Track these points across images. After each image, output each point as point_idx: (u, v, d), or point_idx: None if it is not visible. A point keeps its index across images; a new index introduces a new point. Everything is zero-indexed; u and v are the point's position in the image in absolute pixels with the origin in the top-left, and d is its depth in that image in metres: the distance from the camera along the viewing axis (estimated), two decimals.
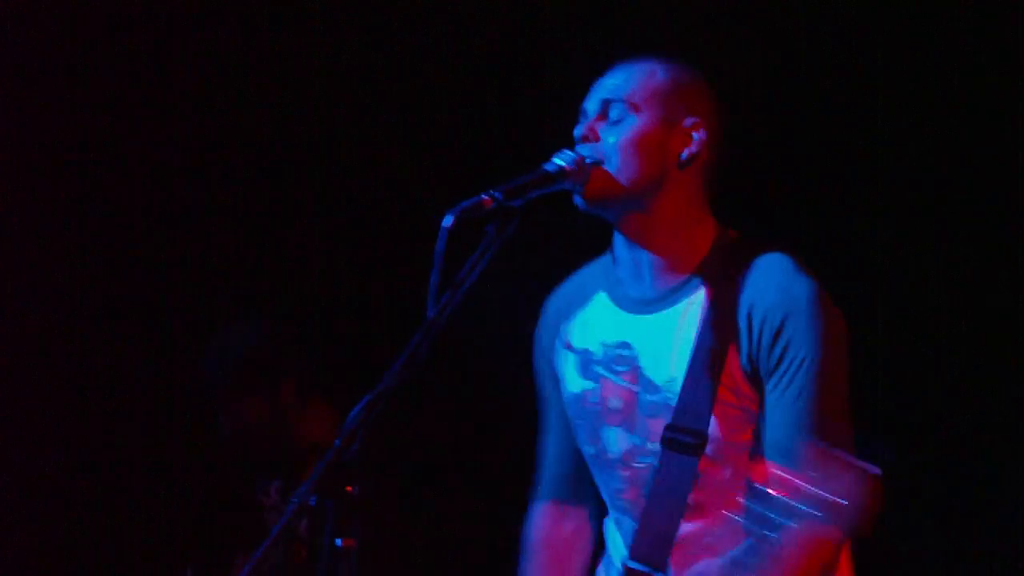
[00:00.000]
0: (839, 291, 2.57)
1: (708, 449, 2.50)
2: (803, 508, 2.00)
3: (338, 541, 2.14)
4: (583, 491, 2.75)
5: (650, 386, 2.56)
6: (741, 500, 2.51)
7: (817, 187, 3.81)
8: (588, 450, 2.67)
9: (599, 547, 2.75)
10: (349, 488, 2.14)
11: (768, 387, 2.49)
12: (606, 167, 2.54)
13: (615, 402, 2.60)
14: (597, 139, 2.56)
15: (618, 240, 2.63)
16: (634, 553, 2.57)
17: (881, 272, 3.74)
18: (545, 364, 2.76)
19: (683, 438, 2.51)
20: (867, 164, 3.79)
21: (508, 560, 2.84)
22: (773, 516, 2.04)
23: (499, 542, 3.00)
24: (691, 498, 2.52)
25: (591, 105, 2.60)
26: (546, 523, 2.80)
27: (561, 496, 2.79)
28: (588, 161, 2.53)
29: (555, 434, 2.78)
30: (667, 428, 2.52)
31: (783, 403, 2.47)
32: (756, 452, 2.51)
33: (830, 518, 2.34)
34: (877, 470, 2.40)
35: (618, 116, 2.56)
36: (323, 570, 2.16)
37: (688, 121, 2.58)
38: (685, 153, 2.57)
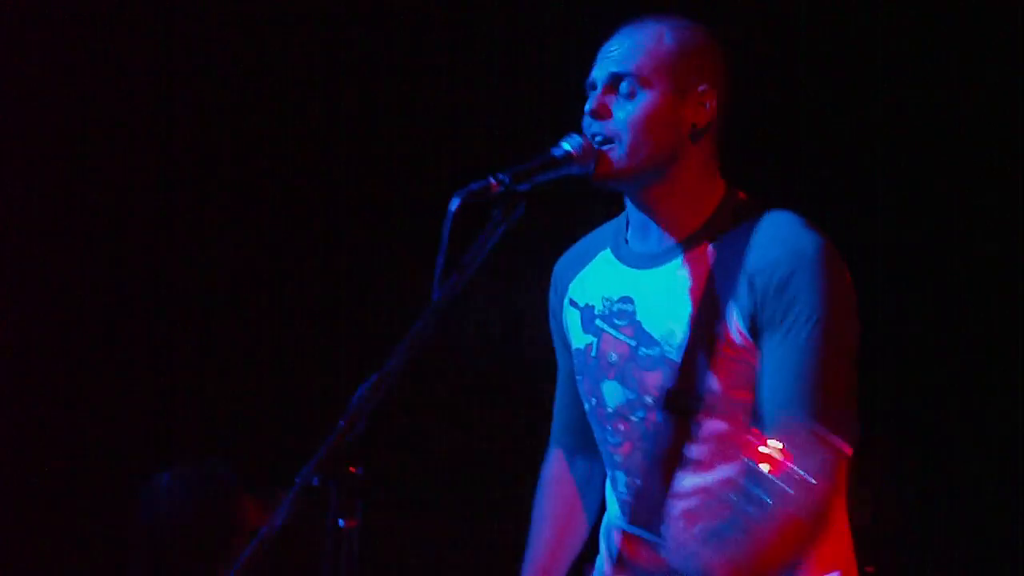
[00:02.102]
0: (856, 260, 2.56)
1: (707, 405, 2.50)
2: (779, 484, 1.99)
3: (341, 522, 2.14)
4: (591, 441, 2.76)
5: (647, 340, 2.56)
6: (739, 460, 2.49)
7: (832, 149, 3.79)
8: (588, 404, 2.69)
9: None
10: (352, 468, 2.15)
11: (769, 337, 2.45)
12: (617, 146, 2.52)
13: (613, 356, 2.61)
14: (609, 115, 2.54)
15: (629, 206, 2.64)
16: (632, 518, 2.58)
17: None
18: (555, 322, 2.80)
19: (682, 399, 2.51)
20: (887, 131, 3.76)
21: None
22: (755, 490, 2.03)
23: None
24: (690, 456, 2.52)
25: (600, 75, 2.57)
26: (557, 467, 2.88)
27: (570, 444, 2.86)
28: (598, 140, 2.52)
29: (564, 388, 2.84)
30: (667, 390, 2.52)
31: (783, 349, 2.44)
32: (756, 411, 2.49)
33: (800, 499, 2.32)
34: (848, 449, 2.39)
35: (628, 90, 2.53)
36: (327, 551, 2.17)
37: (700, 89, 2.55)
38: (698, 124, 2.55)
